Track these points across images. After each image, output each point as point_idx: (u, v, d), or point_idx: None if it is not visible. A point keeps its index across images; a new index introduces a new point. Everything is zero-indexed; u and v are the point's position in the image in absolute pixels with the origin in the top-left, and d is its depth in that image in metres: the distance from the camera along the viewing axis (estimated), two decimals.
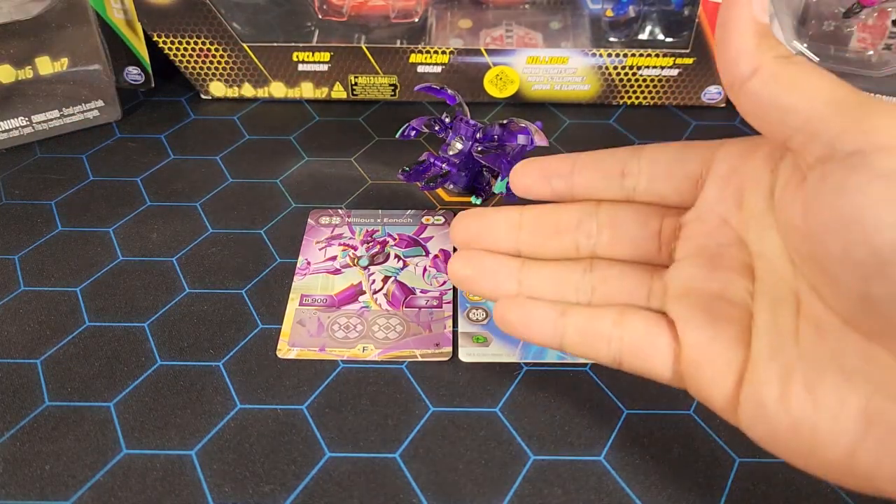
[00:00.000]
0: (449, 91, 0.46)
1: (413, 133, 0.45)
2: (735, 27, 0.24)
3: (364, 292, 0.40)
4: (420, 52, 0.51)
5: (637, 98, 0.53)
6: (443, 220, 0.44)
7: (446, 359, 0.36)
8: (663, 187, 0.29)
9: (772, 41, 0.24)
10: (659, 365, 0.28)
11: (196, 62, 0.52)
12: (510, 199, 0.42)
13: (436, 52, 0.51)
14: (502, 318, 0.30)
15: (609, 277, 0.30)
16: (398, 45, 0.51)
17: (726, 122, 0.53)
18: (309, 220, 0.44)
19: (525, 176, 0.32)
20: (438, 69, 0.52)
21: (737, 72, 0.24)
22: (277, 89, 0.54)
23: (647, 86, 0.53)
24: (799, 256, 0.24)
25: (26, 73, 0.47)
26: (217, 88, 0.54)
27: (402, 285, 0.40)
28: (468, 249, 0.32)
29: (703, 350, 0.26)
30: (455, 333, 0.38)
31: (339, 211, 0.45)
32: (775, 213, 0.25)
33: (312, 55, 0.52)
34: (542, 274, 0.31)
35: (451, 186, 0.46)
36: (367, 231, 0.43)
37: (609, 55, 0.51)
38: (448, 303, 0.39)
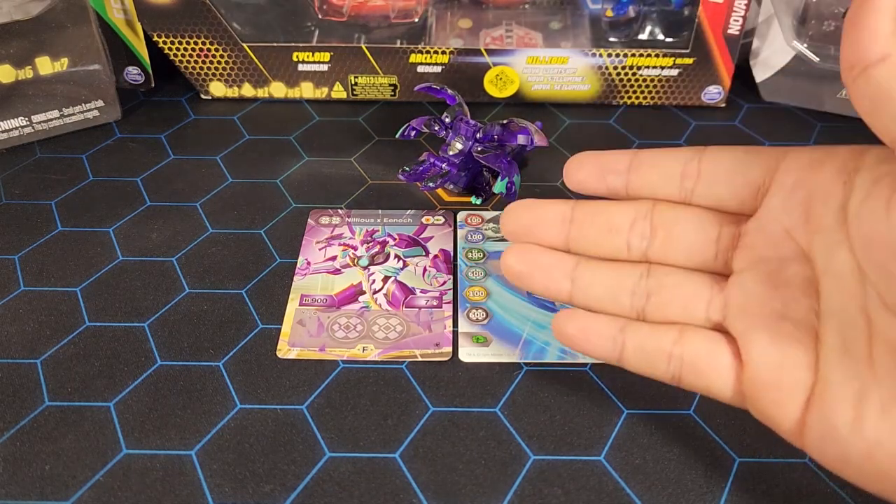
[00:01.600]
0: (449, 91, 0.46)
1: (413, 133, 0.45)
2: (873, 4, 0.22)
3: (364, 292, 0.40)
4: (420, 52, 0.51)
5: (637, 98, 0.53)
6: (443, 220, 0.44)
7: (446, 359, 0.36)
8: (723, 192, 0.28)
9: None
10: (720, 384, 0.27)
11: (196, 62, 0.52)
12: (510, 199, 0.42)
13: (436, 52, 0.51)
14: (561, 331, 0.30)
15: (666, 285, 0.29)
16: (398, 45, 0.51)
17: (726, 122, 0.53)
18: (309, 220, 0.44)
19: (580, 171, 0.30)
20: (438, 69, 0.52)
21: (862, 54, 0.22)
22: (277, 89, 0.54)
23: (647, 86, 0.53)
24: (878, 272, 0.23)
25: (26, 73, 0.47)
26: (217, 88, 0.54)
27: (402, 285, 0.40)
28: (522, 244, 0.31)
29: (769, 372, 0.26)
30: (455, 333, 0.38)
31: (339, 211, 0.45)
32: (848, 228, 0.24)
33: (312, 55, 0.52)
34: (597, 275, 0.30)
35: (451, 186, 0.46)
36: (367, 231, 0.43)
37: (609, 55, 0.51)
38: (448, 303, 0.39)
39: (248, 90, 0.54)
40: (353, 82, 0.53)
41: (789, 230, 0.26)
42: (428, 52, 0.51)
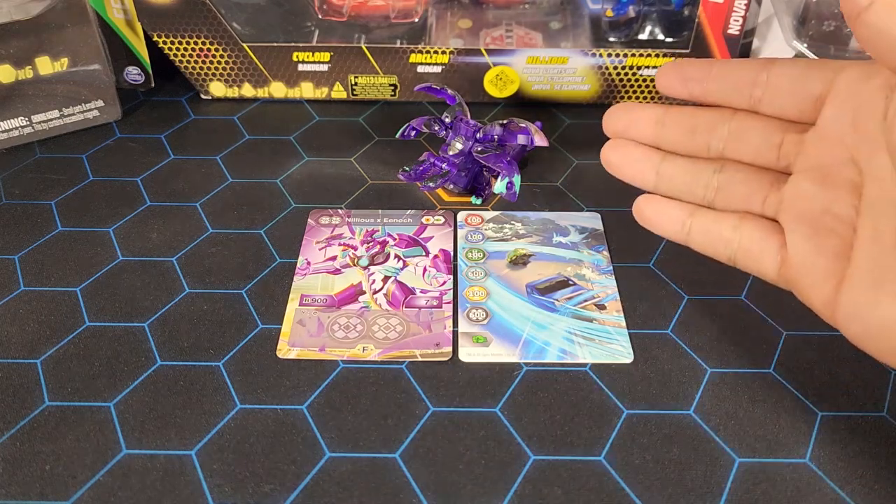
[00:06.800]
0: (449, 91, 0.46)
1: (413, 133, 0.45)
2: None
3: (364, 292, 0.40)
4: (420, 52, 0.51)
5: (637, 98, 0.53)
6: (443, 220, 0.44)
7: (446, 359, 0.36)
8: (785, 103, 0.31)
9: None
10: (767, 267, 0.32)
11: (196, 62, 0.52)
12: (510, 199, 0.42)
13: (436, 52, 0.51)
14: (640, 213, 0.35)
15: (734, 181, 0.33)
16: (398, 45, 0.51)
17: None
18: (309, 220, 0.44)
19: (665, 77, 0.35)
20: (438, 69, 0.52)
21: (853, 3, 0.26)
22: (277, 89, 0.54)
23: (647, 86, 0.53)
24: None
25: (26, 73, 0.47)
26: (217, 88, 0.54)
27: (402, 285, 0.40)
28: (618, 139, 0.36)
29: (806, 258, 0.30)
30: (455, 333, 0.38)
31: (339, 211, 0.45)
32: (886, 135, 0.27)
33: (312, 55, 0.52)
34: (678, 169, 0.35)
35: (451, 186, 0.46)
36: (367, 231, 0.43)
37: (609, 55, 0.51)
38: (448, 303, 0.39)
39: (248, 90, 0.54)
40: (353, 82, 0.53)
41: (841, 137, 0.29)
42: (428, 52, 0.51)
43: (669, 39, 0.52)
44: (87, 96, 0.50)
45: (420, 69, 0.52)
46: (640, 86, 0.53)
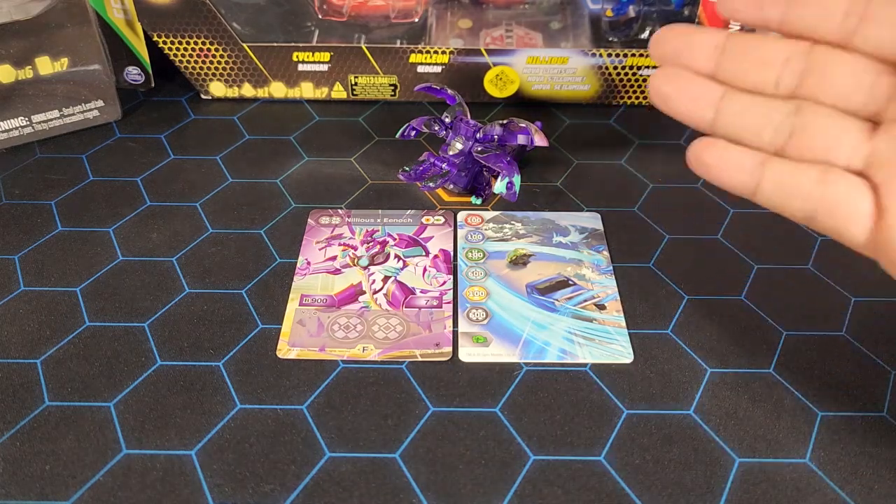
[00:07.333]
0: (449, 91, 0.46)
1: (413, 133, 0.45)
2: None
3: (364, 292, 0.40)
4: (420, 52, 0.51)
5: (637, 98, 0.53)
6: (443, 219, 0.44)
7: (446, 359, 0.36)
8: (886, 36, 0.26)
9: None
10: (854, 230, 0.27)
11: (196, 62, 0.52)
12: (510, 199, 0.42)
13: (436, 52, 0.51)
14: (698, 159, 0.30)
15: (812, 125, 0.28)
16: (398, 45, 0.51)
17: None
18: (309, 220, 0.44)
19: None
20: (438, 69, 0.52)
21: None
22: (277, 89, 0.54)
23: (646, 86, 0.53)
24: None
25: (26, 73, 0.47)
26: (217, 88, 0.54)
27: (402, 285, 0.40)
28: (671, 67, 0.30)
29: None
30: (455, 333, 0.38)
31: (339, 211, 0.45)
32: None
33: (312, 55, 0.52)
34: (742, 105, 0.29)
35: (451, 186, 0.46)
36: (367, 231, 0.43)
37: (609, 55, 0.51)
38: (448, 303, 0.39)
39: (248, 90, 0.54)
40: (353, 82, 0.53)
41: None
42: (428, 52, 0.51)
43: None
44: (87, 96, 0.50)
45: (420, 69, 0.52)
46: (640, 86, 0.53)
